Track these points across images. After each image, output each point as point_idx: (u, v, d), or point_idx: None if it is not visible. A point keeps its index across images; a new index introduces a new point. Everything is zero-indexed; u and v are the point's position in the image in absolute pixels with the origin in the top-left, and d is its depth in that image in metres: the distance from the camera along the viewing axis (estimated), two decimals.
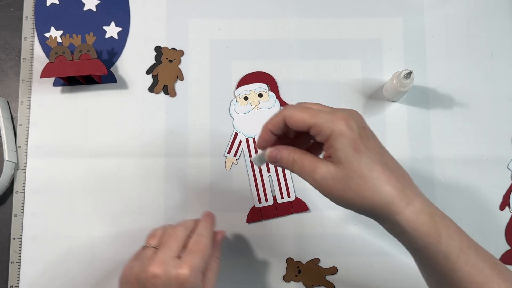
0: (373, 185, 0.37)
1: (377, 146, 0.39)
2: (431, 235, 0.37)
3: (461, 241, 0.37)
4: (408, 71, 0.49)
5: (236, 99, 0.55)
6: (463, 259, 0.37)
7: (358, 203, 0.38)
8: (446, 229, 0.37)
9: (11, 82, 0.56)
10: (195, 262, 0.41)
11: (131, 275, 0.42)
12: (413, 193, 0.37)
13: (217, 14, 0.57)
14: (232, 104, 0.55)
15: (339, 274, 0.53)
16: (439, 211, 0.38)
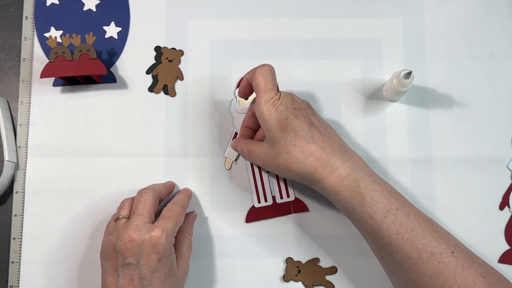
0: (297, 158, 0.44)
1: (306, 123, 0.45)
2: (354, 197, 0.43)
3: (389, 204, 0.43)
4: (408, 71, 0.49)
5: (236, 98, 0.55)
6: (391, 219, 0.42)
7: (289, 175, 0.45)
8: (371, 193, 0.43)
9: (11, 82, 0.56)
10: (167, 226, 0.44)
11: (109, 246, 0.44)
12: (339, 161, 0.44)
13: (217, 14, 0.57)
14: (232, 103, 0.55)
15: (339, 274, 0.53)
16: (371, 178, 0.44)
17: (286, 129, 0.44)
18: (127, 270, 0.42)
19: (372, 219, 0.43)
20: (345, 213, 0.46)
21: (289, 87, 0.56)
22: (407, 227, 0.42)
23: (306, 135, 0.44)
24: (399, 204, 0.43)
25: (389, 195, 0.43)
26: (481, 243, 0.53)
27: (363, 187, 0.43)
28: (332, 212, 0.54)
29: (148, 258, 0.42)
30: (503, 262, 0.53)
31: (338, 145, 0.45)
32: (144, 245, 0.42)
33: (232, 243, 0.53)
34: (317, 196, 0.54)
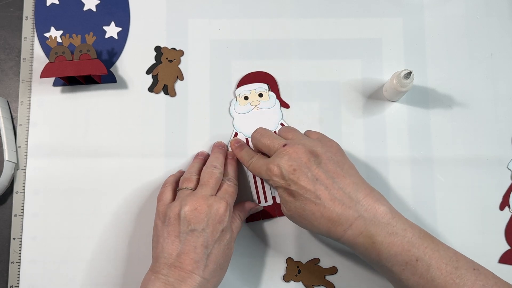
0: (309, 221, 0.43)
1: (310, 183, 0.43)
2: (370, 254, 0.42)
3: (408, 255, 0.41)
4: (408, 71, 0.49)
5: (236, 98, 0.55)
6: (410, 271, 0.41)
7: (310, 231, 0.48)
8: (387, 247, 0.41)
9: (11, 82, 0.56)
10: (230, 202, 0.46)
11: (171, 213, 0.44)
12: (351, 217, 0.42)
13: (217, 14, 0.57)
14: (232, 104, 0.55)
15: (339, 274, 0.53)
16: (387, 229, 0.41)
17: (293, 195, 0.44)
18: (191, 236, 0.43)
19: (391, 272, 0.42)
20: (366, 261, 0.45)
21: (289, 87, 0.56)
22: (427, 278, 0.40)
23: (312, 196, 0.43)
24: (420, 252, 0.41)
25: (408, 245, 0.41)
26: (481, 243, 0.53)
27: (379, 242, 0.41)
28: None
29: (214, 227, 0.43)
30: (503, 262, 0.53)
31: (349, 197, 0.42)
32: (211, 215, 0.43)
33: None
34: None
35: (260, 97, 0.55)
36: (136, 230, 0.53)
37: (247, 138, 0.54)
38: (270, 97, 0.55)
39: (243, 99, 0.55)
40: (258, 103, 0.55)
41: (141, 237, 0.53)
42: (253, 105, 0.55)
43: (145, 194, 0.54)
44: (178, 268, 0.42)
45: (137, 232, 0.53)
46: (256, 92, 0.55)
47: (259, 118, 0.55)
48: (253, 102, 0.55)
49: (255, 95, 0.55)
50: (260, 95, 0.55)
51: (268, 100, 0.55)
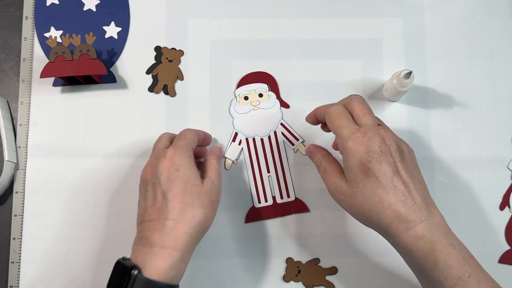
0: (374, 206, 0.40)
1: (390, 171, 0.41)
2: (427, 260, 0.40)
3: (462, 270, 0.40)
4: (408, 71, 0.49)
5: (236, 98, 0.55)
6: (461, 286, 0.39)
7: (361, 220, 0.42)
8: (445, 257, 0.40)
9: (11, 82, 0.56)
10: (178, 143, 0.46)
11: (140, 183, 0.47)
12: (418, 219, 0.40)
13: (217, 14, 0.57)
14: (232, 103, 0.55)
15: (339, 274, 0.53)
16: (447, 240, 0.40)
17: (367, 173, 0.41)
18: (150, 191, 0.44)
19: (442, 284, 0.40)
20: (413, 270, 0.43)
21: (289, 87, 0.56)
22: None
23: (387, 184, 0.40)
24: (472, 270, 0.40)
25: (463, 261, 0.40)
26: (481, 243, 0.53)
27: (439, 250, 0.40)
28: (332, 212, 0.54)
29: (167, 172, 0.43)
30: (503, 262, 0.53)
31: (420, 200, 0.41)
32: (161, 164, 0.44)
33: (232, 243, 0.53)
34: (317, 196, 0.54)
35: (260, 97, 0.55)
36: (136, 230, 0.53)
37: (247, 138, 0.54)
38: (270, 97, 0.55)
39: (243, 99, 0.55)
40: (258, 103, 0.55)
41: None
42: (253, 105, 0.55)
43: None
44: (147, 221, 0.43)
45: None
46: (256, 92, 0.55)
47: (259, 118, 0.55)
48: (253, 102, 0.55)
49: (255, 95, 0.55)
50: (260, 95, 0.55)
51: (268, 100, 0.55)
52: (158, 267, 0.40)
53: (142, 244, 0.42)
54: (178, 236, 0.42)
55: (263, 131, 0.55)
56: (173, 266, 0.41)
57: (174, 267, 0.41)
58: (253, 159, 0.54)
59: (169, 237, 0.41)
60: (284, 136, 0.55)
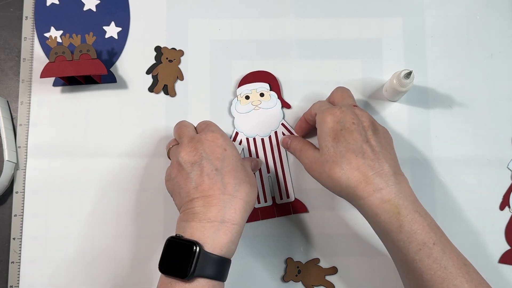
0: (342, 169, 0.43)
1: (360, 139, 0.44)
2: (392, 223, 0.41)
3: (427, 236, 0.41)
4: (408, 71, 0.49)
5: (238, 98, 0.55)
6: (425, 252, 0.40)
7: (330, 184, 0.44)
8: (410, 222, 0.41)
9: (11, 82, 0.56)
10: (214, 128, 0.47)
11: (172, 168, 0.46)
12: (384, 183, 0.42)
13: (217, 14, 0.57)
14: (233, 103, 0.55)
15: (339, 274, 0.53)
16: (413, 207, 0.42)
17: (338, 139, 0.44)
18: (197, 170, 0.43)
19: (407, 249, 0.41)
20: (380, 236, 0.44)
21: (289, 87, 0.56)
22: (441, 264, 0.40)
23: (356, 149, 0.43)
24: (437, 238, 0.41)
25: (428, 228, 0.41)
26: (481, 243, 0.53)
27: (404, 214, 0.41)
28: (332, 212, 0.54)
29: (215, 152, 0.44)
30: (503, 262, 0.53)
31: (388, 167, 0.43)
32: (204, 144, 0.44)
33: None
34: (317, 197, 0.54)
35: (262, 97, 0.55)
36: (136, 230, 0.53)
37: (247, 137, 0.54)
38: (272, 97, 0.55)
39: (244, 98, 0.54)
40: (259, 102, 0.55)
41: (141, 237, 0.53)
42: (254, 105, 0.55)
43: (145, 194, 0.54)
44: (198, 198, 0.42)
45: (137, 232, 0.53)
46: (257, 92, 0.55)
47: (260, 118, 0.55)
48: (254, 101, 0.55)
49: (257, 94, 0.55)
50: (262, 95, 0.55)
51: (269, 100, 0.55)
52: (220, 241, 0.40)
53: (196, 220, 0.41)
54: (237, 210, 0.42)
55: (263, 131, 0.54)
56: (233, 240, 0.41)
57: (234, 241, 0.41)
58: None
59: (229, 211, 0.41)
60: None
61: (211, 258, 0.40)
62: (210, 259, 0.39)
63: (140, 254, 0.53)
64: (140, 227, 0.53)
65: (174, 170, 0.45)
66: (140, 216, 0.54)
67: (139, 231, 0.53)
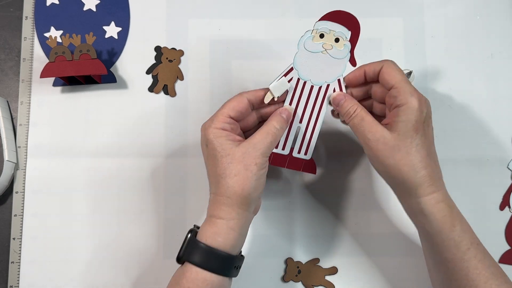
0: (414, 164, 0.41)
1: (431, 137, 0.43)
2: (446, 222, 0.42)
3: (472, 237, 0.42)
4: (408, 71, 0.49)
5: (312, 32, 0.47)
6: (473, 252, 0.41)
7: (395, 173, 0.42)
8: (460, 222, 0.42)
9: (11, 82, 0.56)
10: (215, 114, 0.44)
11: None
12: (440, 185, 0.43)
13: (217, 14, 0.57)
14: (305, 35, 0.47)
15: (339, 274, 0.53)
16: (457, 208, 0.43)
17: (418, 131, 0.42)
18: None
19: (457, 248, 0.41)
20: (427, 236, 0.43)
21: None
22: (485, 264, 0.41)
23: (429, 148, 0.43)
24: (479, 240, 0.43)
25: (471, 229, 0.43)
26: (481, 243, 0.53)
27: (456, 214, 0.42)
28: (332, 212, 0.54)
29: (202, 149, 0.45)
30: (503, 262, 0.53)
31: (440, 170, 0.44)
32: (200, 140, 0.45)
33: None
34: (316, 196, 0.54)
35: (336, 42, 0.47)
36: (136, 230, 0.53)
37: (298, 78, 0.48)
38: (345, 47, 0.47)
39: (319, 36, 0.47)
40: (331, 48, 0.47)
41: (141, 237, 0.53)
42: (324, 47, 0.47)
43: (145, 194, 0.54)
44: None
45: (137, 232, 0.53)
46: (334, 35, 0.47)
47: (322, 64, 0.47)
48: (326, 45, 0.47)
49: (332, 38, 0.47)
50: (337, 40, 0.47)
51: (342, 50, 0.47)
52: (205, 232, 0.43)
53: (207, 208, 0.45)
54: (217, 207, 0.43)
55: (318, 79, 0.48)
56: (218, 232, 0.42)
57: (220, 233, 0.42)
58: (293, 102, 0.48)
59: (212, 208, 0.44)
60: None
61: (196, 244, 0.42)
62: (195, 245, 0.42)
63: (140, 254, 0.53)
64: (140, 227, 0.53)
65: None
66: (140, 216, 0.54)
67: (139, 231, 0.53)
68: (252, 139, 0.43)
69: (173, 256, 0.43)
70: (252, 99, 0.46)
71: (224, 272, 0.42)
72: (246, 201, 0.43)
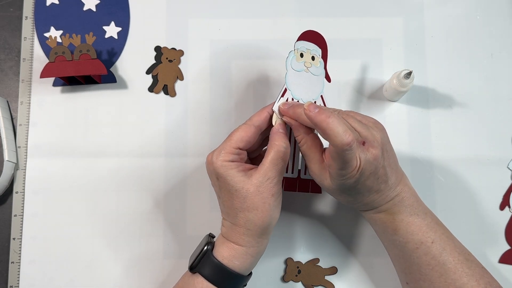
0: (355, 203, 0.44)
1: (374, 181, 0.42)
2: (387, 228, 0.44)
3: (425, 236, 0.43)
4: (408, 71, 0.49)
5: (294, 52, 0.47)
6: (423, 250, 0.42)
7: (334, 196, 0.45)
8: (406, 225, 0.43)
9: (11, 82, 0.56)
10: (220, 146, 0.44)
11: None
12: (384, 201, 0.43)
13: (217, 14, 0.57)
14: (289, 56, 0.47)
15: (339, 274, 0.53)
16: (410, 210, 0.44)
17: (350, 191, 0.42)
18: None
19: (403, 247, 0.43)
20: (376, 233, 0.47)
21: None
22: (439, 261, 0.42)
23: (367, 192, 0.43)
24: (437, 237, 0.43)
25: (426, 228, 0.43)
26: (481, 243, 0.53)
27: (399, 220, 0.43)
28: (332, 212, 0.54)
29: (211, 178, 0.45)
30: (503, 262, 0.53)
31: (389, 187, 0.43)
32: (207, 167, 0.45)
33: None
34: (317, 196, 0.54)
35: (312, 61, 0.49)
36: (136, 230, 0.53)
37: (292, 98, 0.47)
38: (320, 64, 0.49)
39: (299, 55, 0.48)
40: (310, 65, 0.48)
41: (141, 237, 0.53)
42: (306, 66, 0.48)
43: (145, 194, 0.54)
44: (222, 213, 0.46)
45: (137, 232, 0.53)
46: (311, 54, 0.49)
47: (306, 83, 0.48)
48: (306, 63, 0.48)
49: (309, 56, 0.48)
50: (313, 58, 0.49)
51: (318, 67, 0.49)
52: (223, 253, 0.43)
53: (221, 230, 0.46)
54: (237, 236, 0.43)
55: (306, 97, 0.48)
56: (236, 257, 0.43)
57: (238, 258, 0.43)
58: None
59: (230, 234, 0.43)
60: None
61: (212, 260, 0.43)
62: (211, 261, 0.43)
63: (141, 254, 0.53)
64: (140, 227, 0.53)
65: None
66: (140, 216, 0.54)
67: (139, 231, 0.53)
68: (263, 167, 0.42)
69: (173, 257, 0.43)
70: (260, 126, 0.45)
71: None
72: (266, 231, 0.43)
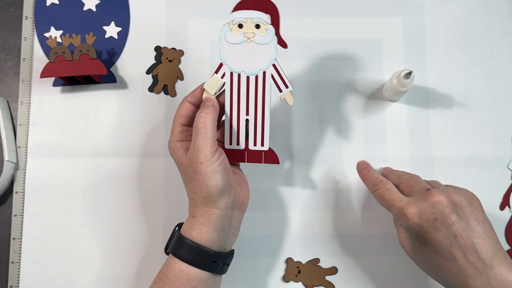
0: (434, 271, 0.43)
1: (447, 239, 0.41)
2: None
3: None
4: (408, 71, 0.49)
5: (229, 25, 0.45)
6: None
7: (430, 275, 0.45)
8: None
9: (11, 82, 0.56)
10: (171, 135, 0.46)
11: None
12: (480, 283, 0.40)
13: (217, 14, 0.57)
14: (223, 29, 0.45)
15: (339, 274, 0.53)
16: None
17: (425, 243, 0.42)
18: None
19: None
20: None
21: None
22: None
23: (445, 253, 0.41)
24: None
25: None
26: None
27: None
28: (332, 212, 0.54)
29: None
30: None
31: (482, 263, 0.40)
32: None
33: None
34: (317, 196, 0.54)
35: (257, 29, 0.46)
36: (136, 230, 0.53)
37: (231, 72, 0.47)
38: (268, 32, 0.46)
39: (237, 26, 0.46)
40: (253, 35, 0.46)
41: (141, 237, 0.53)
42: (247, 37, 0.46)
43: (145, 194, 0.54)
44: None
45: (137, 232, 0.53)
46: (253, 22, 0.46)
47: (250, 53, 0.46)
48: (248, 33, 0.46)
49: (252, 25, 0.46)
50: (257, 27, 0.46)
51: (265, 35, 0.46)
52: (183, 227, 0.45)
53: None
54: (190, 207, 0.45)
55: (251, 69, 0.46)
56: (192, 227, 0.44)
57: (193, 228, 0.44)
58: (233, 96, 0.47)
59: (189, 210, 0.46)
60: (273, 79, 0.47)
61: (177, 236, 0.45)
62: (176, 237, 0.45)
63: (140, 254, 0.53)
64: (140, 227, 0.53)
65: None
66: (140, 216, 0.54)
67: (139, 231, 0.53)
68: (192, 144, 0.44)
69: None
70: (193, 101, 0.46)
71: (199, 265, 0.43)
72: (209, 199, 0.43)
